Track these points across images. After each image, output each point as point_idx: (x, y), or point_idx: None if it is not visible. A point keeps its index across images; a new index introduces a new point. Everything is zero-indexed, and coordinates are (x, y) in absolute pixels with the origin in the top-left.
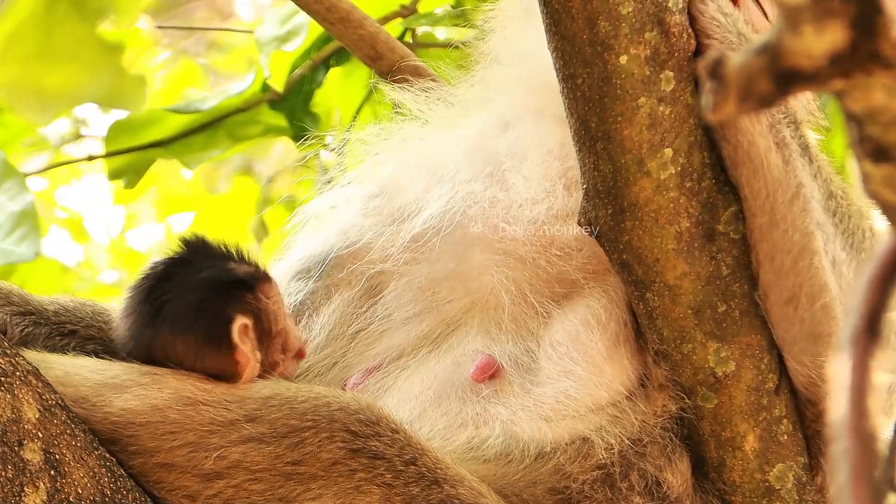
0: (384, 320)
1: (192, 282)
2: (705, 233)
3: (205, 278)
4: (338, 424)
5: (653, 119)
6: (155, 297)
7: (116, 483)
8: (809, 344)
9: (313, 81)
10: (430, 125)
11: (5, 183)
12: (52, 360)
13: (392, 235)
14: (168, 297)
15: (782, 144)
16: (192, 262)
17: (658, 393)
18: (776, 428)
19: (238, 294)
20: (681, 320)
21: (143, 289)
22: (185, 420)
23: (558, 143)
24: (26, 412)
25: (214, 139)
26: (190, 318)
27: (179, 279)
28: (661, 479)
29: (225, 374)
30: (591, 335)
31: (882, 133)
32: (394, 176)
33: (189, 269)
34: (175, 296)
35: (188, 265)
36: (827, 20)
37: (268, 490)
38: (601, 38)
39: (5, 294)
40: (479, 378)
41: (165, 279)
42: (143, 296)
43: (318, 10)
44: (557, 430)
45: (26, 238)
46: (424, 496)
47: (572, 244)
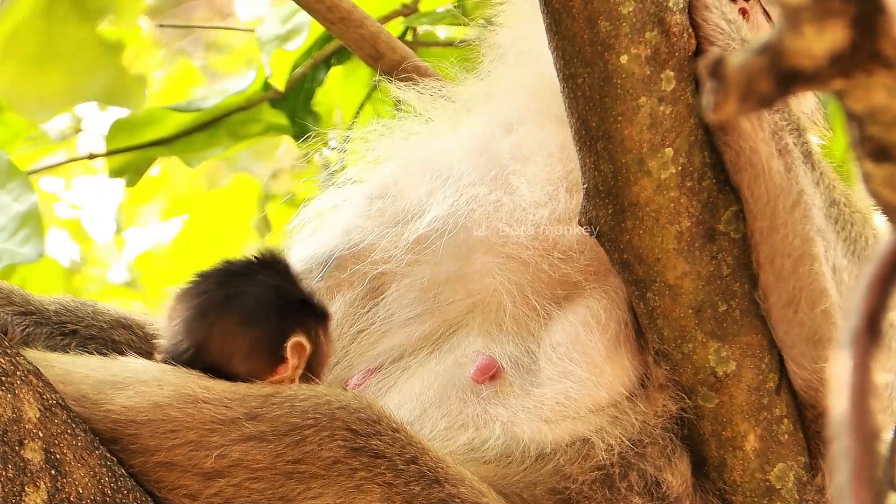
0: (386, 321)
1: (272, 286)
2: (706, 232)
3: (287, 289)
4: (338, 423)
5: (653, 119)
6: (232, 285)
7: (117, 482)
8: (809, 348)
9: (314, 80)
10: (434, 124)
11: (10, 183)
12: (52, 359)
13: (395, 237)
14: (247, 290)
15: (785, 151)
16: (274, 270)
17: (658, 393)
18: (777, 427)
19: (308, 317)
20: (681, 320)
21: (219, 276)
22: (185, 418)
23: (560, 146)
24: (27, 412)
25: (216, 138)
26: (262, 315)
27: (260, 279)
28: (661, 479)
29: (254, 376)
30: (591, 336)
31: (883, 133)
32: (397, 176)
33: (270, 274)
34: (254, 291)
35: (270, 270)
36: (827, 20)
37: (268, 489)
38: (602, 38)
39: (6, 294)
40: (480, 379)
41: (245, 275)
42: (218, 281)
43: (318, 10)
44: (557, 431)
45: (30, 239)
46: (425, 495)
47: (574, 247)
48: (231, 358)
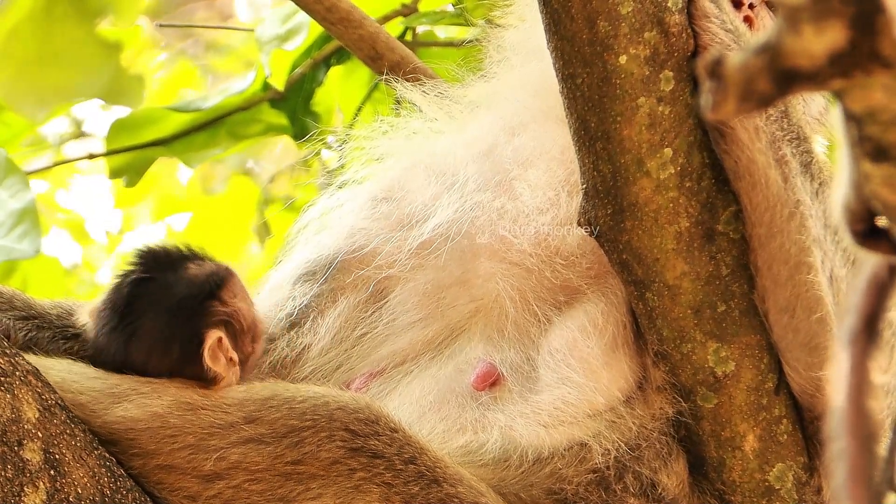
0: (388, 325)
1: (157, 302)
2: (705, 233)
3: (169, 298)
4: (337, 424)
5: (652, 119)
6: (125, 324)
7: (116, 483)
8: (804, 354)
9: (314, 80)
10: (439, 124)
11: (7, 180)
12: (49, 365)
13: (399, 241)
14: (137, 324)
15: (782, 161)
16: (153, 278)
17: (656, 395)
18: (776, 428)
19: (204, 307)
20: (680, 320)
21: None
22: (185, 424)
23: (562, 148)
24: (26, 412)
25: (215, 138)
26: (162, 346)
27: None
28: (657, 481)
29: (206, 382)
30: (589, 341)
31: (882, 132)
32: (402, 179)
33: (152, 287)
34: (144, 322)
35: (150, 282)
36: (826, 20)
37: (268, 490)
38: (601, 38)
39: (8, 298)
40: (480, 387)
41: (131, 302)
42: (114, 323)
43: (318, 11)
44: (555, 435)
45: (27, 235)
46: (424, 495)
47: (576, 252)
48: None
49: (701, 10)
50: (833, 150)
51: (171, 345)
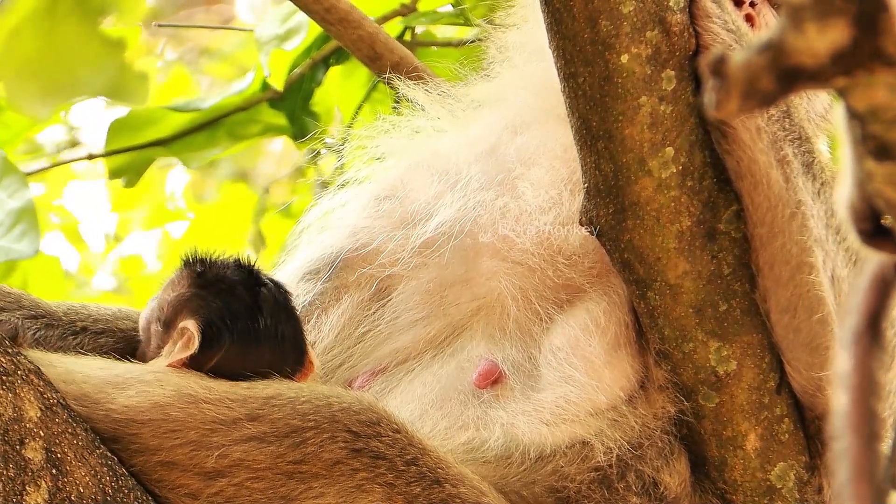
0: (391, 323)
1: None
2: (706, 232)
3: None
4: (339, 425)
5: (654, 118)
6: (269, 330)
7: (118, 482)
8: (805, 354)
9: (313, 80)
10: (441, 123)
11: (5, 180)
12: (54, 359)
13: (403, 240)
14: (281, 329)
15: (784, 162)
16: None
17: (658, 394)
18: (777, 427)
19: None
20: (682, 319)
21: (252, 324)
22: (187, 418)
23: (564, 147)
24: (28, 411)
25: (214, 138)
26: (301, 345)
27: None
28: (658, 479)
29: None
30: (591, 340)
31: (884, 131)
32: (405, 178)
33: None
34: (285, 327)
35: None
36: (829, 18)
37: (270, 488)
38: (602, 38)
39: (16, 298)
40: (482, 385)
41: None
42: (257, 330)
43: (317, 11)
44: (557, 433)
45: (26, 235)
46: (426, 495)
47: (578, 251)
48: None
49: (703, 9)
50: (836, 149)
51: (304, 343)
